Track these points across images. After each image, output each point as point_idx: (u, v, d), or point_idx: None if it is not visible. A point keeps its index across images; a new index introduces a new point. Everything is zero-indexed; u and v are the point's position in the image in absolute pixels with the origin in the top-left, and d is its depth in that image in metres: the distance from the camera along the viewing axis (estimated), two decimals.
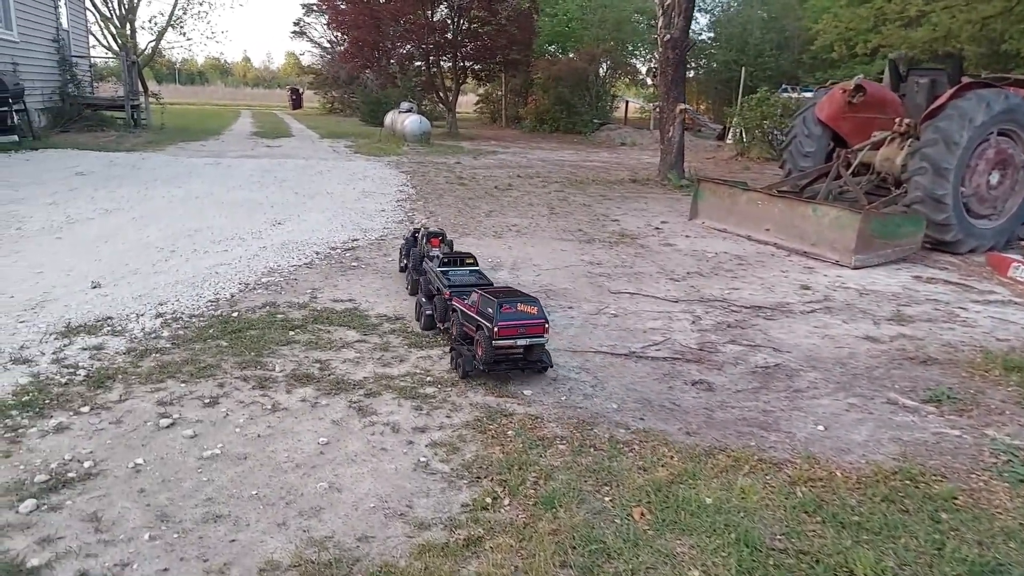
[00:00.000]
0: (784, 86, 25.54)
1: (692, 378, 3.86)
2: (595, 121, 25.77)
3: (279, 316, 4.49)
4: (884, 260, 7.05)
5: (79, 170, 10.64)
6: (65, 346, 3.78)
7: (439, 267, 4.47)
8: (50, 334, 3.95)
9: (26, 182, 9.27)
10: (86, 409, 3.10)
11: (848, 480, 2.80)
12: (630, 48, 30.33)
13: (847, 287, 6.10)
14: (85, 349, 3.75)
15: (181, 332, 4.10)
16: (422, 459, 2.84)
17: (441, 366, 3.85)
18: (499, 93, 31.77)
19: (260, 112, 37.40)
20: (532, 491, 2.62)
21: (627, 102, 33.57)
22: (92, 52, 21.45)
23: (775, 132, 17.55)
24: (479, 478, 2.71)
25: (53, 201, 8.16)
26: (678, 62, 11.54)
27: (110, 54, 23.53)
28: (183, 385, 3.40)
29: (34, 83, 14.62)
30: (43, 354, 3.66)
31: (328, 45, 38.25)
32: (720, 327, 4.81)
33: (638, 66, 33.83)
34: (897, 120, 8.53)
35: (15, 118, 12.44)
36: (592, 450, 2.94)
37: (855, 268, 6.76)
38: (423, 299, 4.49)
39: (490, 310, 3.49)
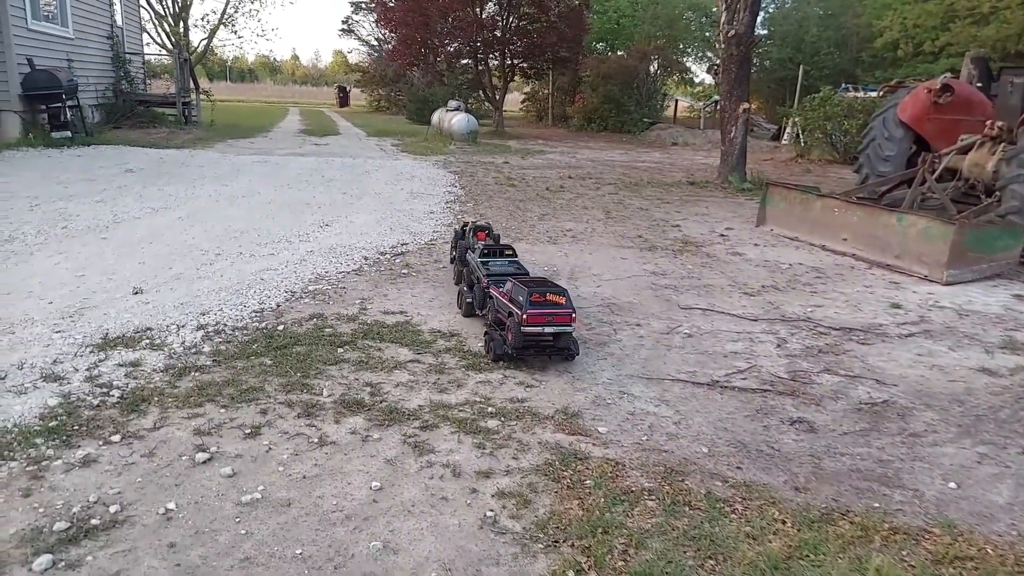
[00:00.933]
0: (845, 85, 24.50)
1: (789, 415, 3.39)
2: (645, 120, 25.12)
3: (327, 330, 4.16)
4: (978, 276, 6.42)
5: (129, 167, 10.59)
6: (100, 361, 3.51)
7: (480, 257, 4.60)
8: (86, 347, 3.69)
9: (76, 179, 9.22)
10: (117, 438, 2.80)
11: (1004, 561, 2.32)
12: (682, 46, 29.55)
13: (942, 306, 5.52)
14: (121, 365, 3.47)
15: (223, 347, 3.80)
16: (489, 513, 2.45)
17: (502, 393, 3.46)
18: (545, 91, 31.33)
19: (308, 110, 37.72)
20: (621, 563, 2.21)
21: (676, 101, 32.79)
22: (146, 49, 21.73)
23: (837, 133, 16.71)
24: (557, 542, 2.31)
25: (101, 199, 8.05)
26: (742, 59, 10.94)
27: (163, 51, 23.85)
28: (223, 411, 3.08)
29: (88, 79, 14.75)
30: (76, 370, 3.39)
31: (376, 43, 38.37)
32: (810, 352, 4.31)
33: (688, 64, 33.05)
34: (988, 122, 7.85)
35: (69, 114, 12.51)
36: (687, 509, 2.51)
37: (947, 284, 6.15)
38: (464, 288, 4.66)
39: (520, 298, 3.65)
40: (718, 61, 34.55)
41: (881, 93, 20.01)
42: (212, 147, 14.19)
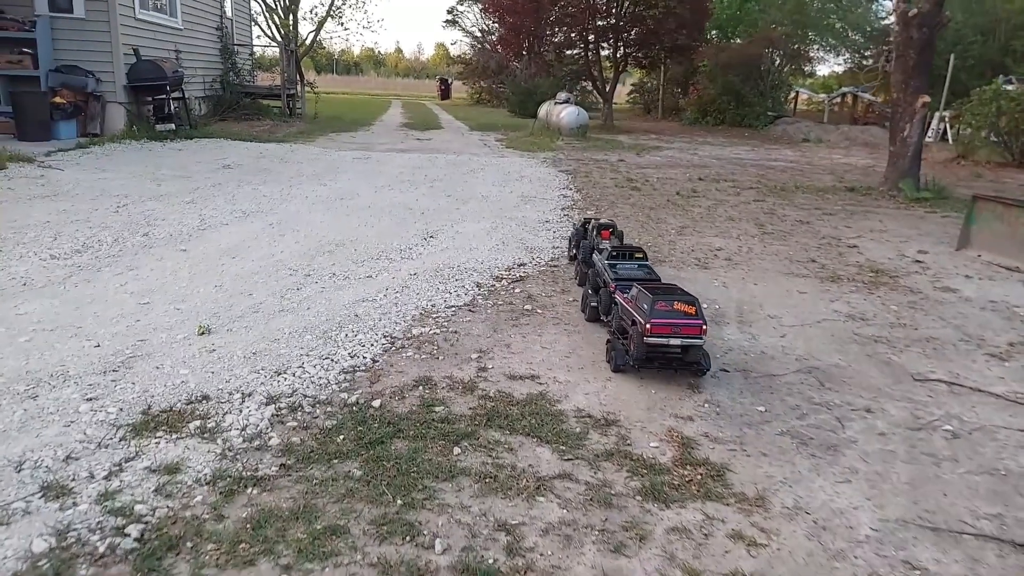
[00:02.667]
0: (1007, 77, 21.45)
1: None
2: (769, 114, 22.94)
3: (437, 409, 3.01)
4: None
5: (227, 162, 10.00)
6: (127, 461, 2.49)
7: (607, 260, 4.34)
8: (117, 428, 2.70)
9: (171, 175, 8.63)
10: None
11: None
12: (812, 34, 26.93)
13: None
14: (153, 471, 2.43)
15: (297, 439, 2.71)
16: None
17: (714, 558, 2.18)
18: (655, 82, 29.47)
19: (410, 102, 37.46)
20: None
21: (796, 93, 30.12)
22: (255, 42, 21.68)
23: (1013, 133, 14.20)
24: None
25: (192, 199, 7.35)
26: (924, 44, 9.05)
27: (273, 44, 23.83)
28: None
29: (196, 71, 14.48)
30: (92, 477, 2.38)
31: (479, 34, 37.60)
32: None
33: (814, 53, 30.31)
34: None
35: (173, 106, 12.14)
36: None
37: None
38: (589, 291, 4.43)
39: (644, 306, 3.42)
40: (842, 53, 31.52)
41: None
42: (313, 141, 13.58)
